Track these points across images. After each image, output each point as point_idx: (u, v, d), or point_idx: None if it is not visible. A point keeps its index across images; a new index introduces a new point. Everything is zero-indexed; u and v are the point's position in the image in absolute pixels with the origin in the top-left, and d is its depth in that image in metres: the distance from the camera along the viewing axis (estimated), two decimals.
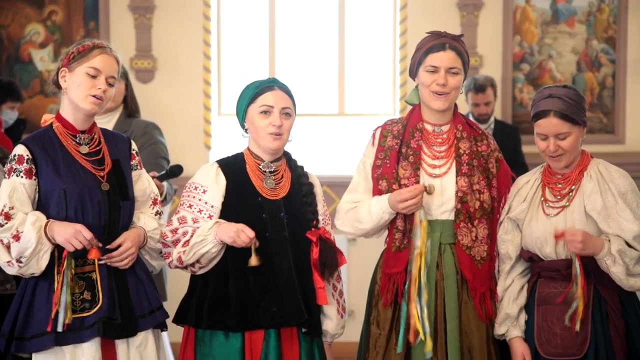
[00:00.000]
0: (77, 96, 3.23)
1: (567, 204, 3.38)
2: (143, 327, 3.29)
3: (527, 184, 3.49)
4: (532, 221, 3.41)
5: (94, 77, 3.22)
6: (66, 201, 3.19)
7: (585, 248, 3.25)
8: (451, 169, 3.50)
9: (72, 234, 3.14)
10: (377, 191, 3.54)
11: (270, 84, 3.41)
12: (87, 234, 3.15)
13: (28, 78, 6.66)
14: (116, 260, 3.25)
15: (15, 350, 3.20)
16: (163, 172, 4.29)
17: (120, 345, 3.25)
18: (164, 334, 3.52)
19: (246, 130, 3.44)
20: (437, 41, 3.49)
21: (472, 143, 3.54)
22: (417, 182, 3.47)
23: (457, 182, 3.48)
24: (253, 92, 3.40)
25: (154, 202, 3.43)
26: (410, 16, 6.62)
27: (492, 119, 6.25)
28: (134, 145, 3.42)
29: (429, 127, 3.56)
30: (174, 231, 3.31)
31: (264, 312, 3.27)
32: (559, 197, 3.41)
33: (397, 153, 3.52)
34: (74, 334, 3.18)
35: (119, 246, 3.25)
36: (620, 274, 3.27)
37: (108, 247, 3.24)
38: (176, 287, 3.46)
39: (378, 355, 3.49)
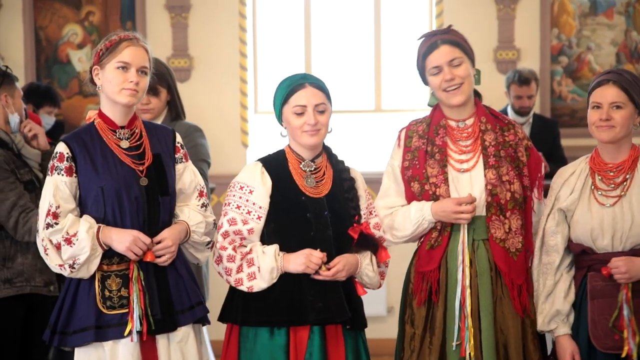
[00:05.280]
0: (112, 91, 3.24)
1: (623, 193, 3.33)
2: (183, 322, 3.29)
3: (573, 175, 3.43)
4: (585, 212, 3.35)
5: (124, 70, 3.23)
6: (104, 199, 3.21)
7: (632, 276, 3.25)
8: (479, 163, 3.46)
9: (132, 242, 3.18)
10: (409, 193, 3.51)
11: (301, 81, 3.37)
12: (146, 239, 3.19)
13: (66, 79, 6.71)
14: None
15: (58, 344, 3.25)
16: None
17: (161, 340, 3.26)
18: (204, 331, 3.51)
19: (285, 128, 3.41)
20: (428, 42, 3.47)
21: (497, 134, 3.49)
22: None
23: (485, 175, 3.44)
24: (285, 93, 3.37)
25: (200, 194, 3.40)
26: (447, 11, 6.57)
27: (531, 112, 6.19)
28: (178, 138, 3.40)
29: (452, 124, 3.52)
30: (225, 234, 3.31)
31: (311, 306, 3.27)
32: (612, 185, 3.35)
33: (424, 153, 3.49)
34: (113, 330, 3.20)
35: (159, 242, 3.25)
36: None
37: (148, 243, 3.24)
38: (217, 286, 3.44)
39: (413, 354, 3.47)
